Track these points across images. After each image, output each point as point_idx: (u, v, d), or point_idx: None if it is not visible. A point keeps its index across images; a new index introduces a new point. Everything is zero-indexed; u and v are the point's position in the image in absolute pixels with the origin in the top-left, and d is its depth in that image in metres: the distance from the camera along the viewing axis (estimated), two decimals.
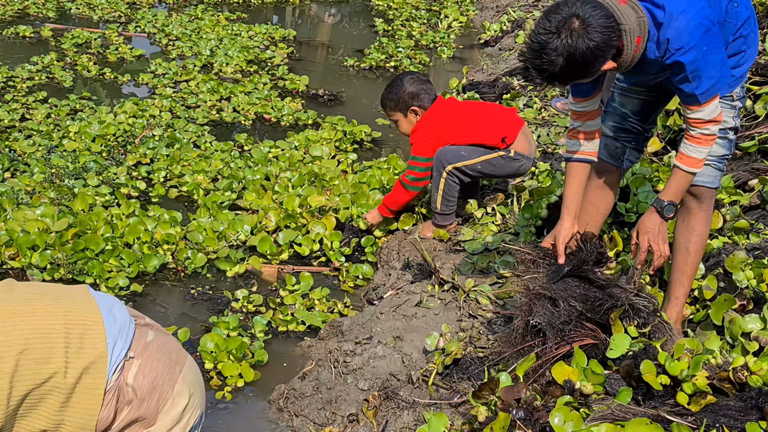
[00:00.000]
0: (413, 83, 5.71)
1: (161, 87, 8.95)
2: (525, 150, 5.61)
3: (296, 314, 5.13)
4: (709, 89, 3.57)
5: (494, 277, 4.97)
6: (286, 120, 8.38)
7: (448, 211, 5.68)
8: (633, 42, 3.52)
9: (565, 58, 3.40)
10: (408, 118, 5.75)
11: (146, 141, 7.33)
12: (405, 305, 4.83)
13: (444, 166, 5.56)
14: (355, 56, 10.83)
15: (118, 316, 2.76)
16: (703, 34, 3.48)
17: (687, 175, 3.74)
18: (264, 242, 5.80)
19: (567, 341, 3.70)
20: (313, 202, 6.07)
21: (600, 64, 3.48)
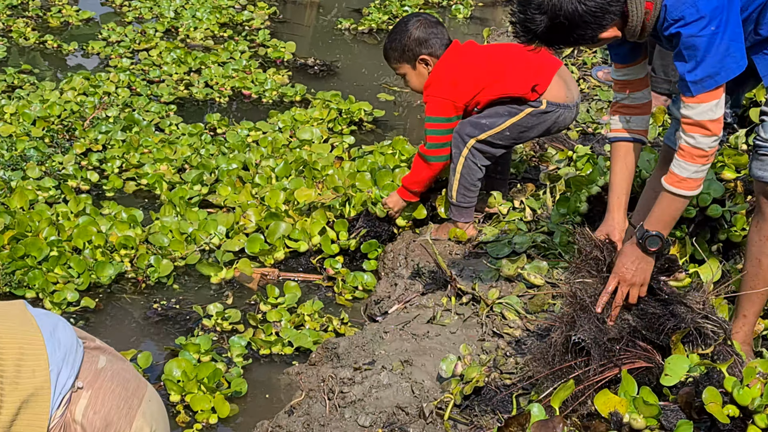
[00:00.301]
0: (420, 27, 5.64)
1: (116, 57, 8.96)
2: (561, 97, 5.56)
3: (282, 333, 5.14)
4: (704, 79, 3.50)
5: (523, 286, 4.97)
6: (269, 96, 8.39)
7: (466, 203, 5.66)
8: (641, 7, 3.52)
9: (548, 17, 3.44)
10: (417, 71, 5.69)
11: (98, 123, 7.34)
12: (415, 322, 4.83)
13: (464, 142, 5.54)
14: (351, 17, 10.84)
15: (62, 339, 2.76)
16: (712, 10, 3.43)
17: (670, 197, 3.65)
18: (253, 242, 5.82)
19: (615, 363, 3.70)
20: (301, 198, 6.07)
21: (594, 32, 3.49)
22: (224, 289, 5.61)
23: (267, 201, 6.13)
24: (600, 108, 7.45)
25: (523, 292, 4.93)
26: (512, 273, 5.09)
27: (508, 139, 5.55)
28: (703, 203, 5.04)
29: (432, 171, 5.67)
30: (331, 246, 5.85)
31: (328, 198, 6.05)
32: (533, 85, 5.48)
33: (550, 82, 5.52)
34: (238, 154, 6.88)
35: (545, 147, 6.55)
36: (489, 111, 5.56)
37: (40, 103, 7.54)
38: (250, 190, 6.32)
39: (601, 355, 3.70)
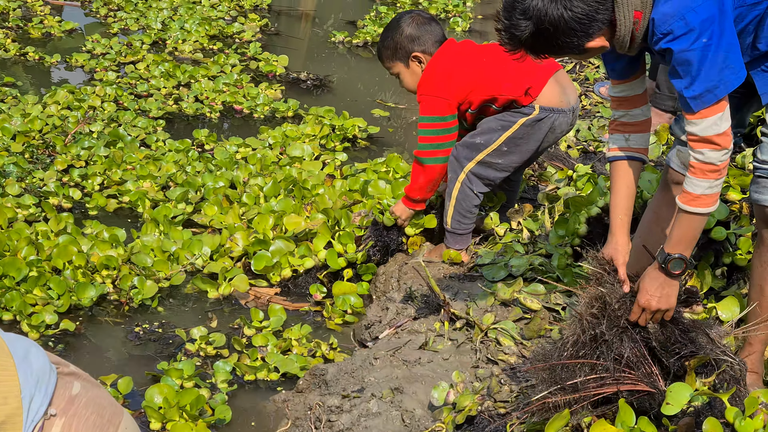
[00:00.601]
0: (412, 24, 5.63)
1: (101, 70, 8.97)
2: (555, 101, 5.53)
3: (268, 359, 5.13)
4: (703, 94, 3.46)
5: (519, 310, 4.96)
6: (261, 111, 8.40)
7: (462, 230, 5.65)
8: (630, 16, 3.50)
9: (533, 23, 3.45)
10: (411, 69, 5.67)
11: (80, 139, 7.34)
12: (406, 348, 4.82)
13: (461, 167, 5.54)
14: (345, 30, 10.86)
15: (35, 364, 2.75)
16: (702, 22, 3.39)
17: (687, 217, 3.60)
18: (259, 260, 5.81)
19: (616, 380, 3.69)
20: (290, 226, 6.06)
21: (581, 40, 3.49)
22: (210, 310, 5.61)
23: (255, 225, 6.11)
24: (602, 125, 7.46)
25: (519, 317, 4.92)
26: (508, 297, 5.08)
27: (506, 156, 5.53)
28: (707, 225, 5.04)
29: (430, 174, 5.61)
30: (338, 260, 5.81)
31: (318, 223, 6.04)
32: (527, 88, 5.46)
33: (544, 85, 5.49)
34: (226, 172, 6.87)
35: (544, 166, 6.55)
36: (482, 127, 5.56)
37: (21, 117, 7.54)
38: (237, 211, 6.31)
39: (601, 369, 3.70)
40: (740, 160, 5.68)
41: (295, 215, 6.14)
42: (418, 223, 5.84)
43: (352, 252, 5.85)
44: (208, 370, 5.04)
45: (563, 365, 3.80)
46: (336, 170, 7.09)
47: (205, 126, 8.07)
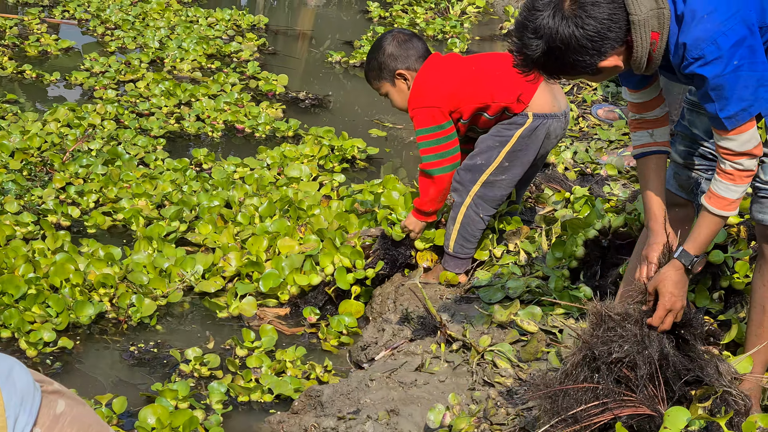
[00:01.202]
0: (393, 42, 5.62)
1: (100, 88, 8.97)
2: (547, 107, 5.52)
3: (262, 380, 5.12)
4: (737, 114, 3.50)
5: (516, 333, 4.95)
6: (263, 130, 8.40)
7: (463, 254, 5.63)
8: (647, 37, 3.50)
9: (544, 42, 3.45)
10: (398, 87, 5.65)
11: (78, 156, 7.34)
12: (402, 369, 4.81)
13: (467, 190, 5.53)
14: (342, 50, 10.87)
15: (19, 382, 2.73)
16: (733, 45, 3.42)
17: (718, 220, 3.68)
18: (268, 279, 5.80)
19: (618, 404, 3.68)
20: (283, 249, 6.04)
21: (593, 59, 3.48)
22: (210, 329, 5.62)
23: (249, 247, 6.10)
24: (599, 147, 7.46)
25: (515, 340, 4.91)
26: (505, 319, 5.07)
27: (508, 170, 5.51)
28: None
29: (439, 185, 5.56)
30: (347, 276, 5.78)
31: (311, 247, 6.03)
32: (518, 95, 5.45)
33: (535, 91, 5.47)
34: (222, 191, 6.86)
35: (542, 188, 6.55)
36: (479, 147, 5.55)
37: (21, 135, 7.54)
38: (231, 230, 6.30)
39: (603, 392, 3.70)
40: None
41: (288, 238, 6.12)
42: (428, 237, 5.80)
43: (360, 268, 5.82)
44: (203, 391, 5.02)
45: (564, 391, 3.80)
46: (333, 191, 7.08)
47: (206, 145, 8.06)
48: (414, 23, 11.92)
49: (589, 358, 3.74)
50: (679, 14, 3.49)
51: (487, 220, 5.60)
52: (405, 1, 12.80)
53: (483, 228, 5.61)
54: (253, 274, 5.94)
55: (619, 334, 3.71)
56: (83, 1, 11.72)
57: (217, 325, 5.67)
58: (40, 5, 11.70)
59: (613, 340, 3.71)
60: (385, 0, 13.06)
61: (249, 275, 5.96)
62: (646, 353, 3.69)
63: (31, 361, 5.18)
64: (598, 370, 3.73)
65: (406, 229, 5.74)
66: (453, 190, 5.58)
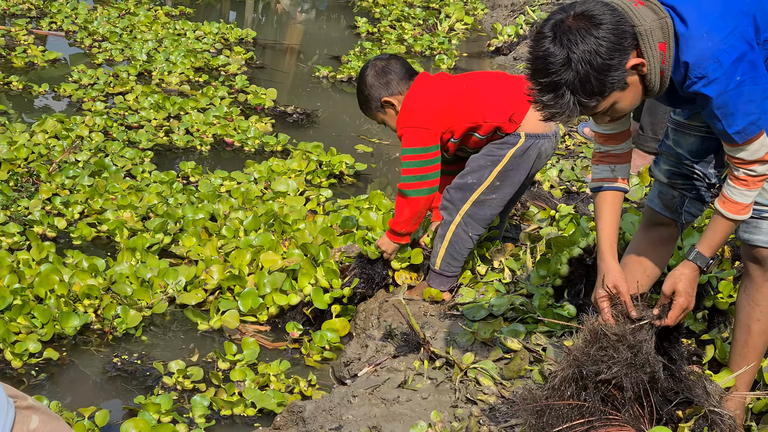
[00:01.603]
0: (372, 72, 5.62)
1: (89, 100, 8.97)
2: (539, 127, 5.48)
3: (245, 394, 5.10)
4: (746, 127, 3.55)
5: (500, 350, 4.95)
6: (252, 144, 8.40)
7: (450, 272, 5.62)
8: (656, 49, 3.51)
9: (577, 60, 3.40)
10: (388, 114, 5.64)
11: (65, 168, 7.34)
12: (385, 386, 4.80)
13: (456, 209, 5.51)
14: (329, 65, 10.87)
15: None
16: (734, 61, 3.45)
17: (731, 224, 3.75)
18: (246, 298, 5.78)
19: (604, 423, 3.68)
20: (266, 263, 6.04)
21: (622, 66, 3.46)
22: (195, 342, 5.60)
23: (231, 260, 6.10)
24: (585, 165, 7.47)
25: (499, 357, 4.90)
26: (488, 336, 5.07)
27: (499, 190, 5.50)
28: None
29: (414, 207, 5.52)
30: (324, 297, 5.75)
31: (294, 261, 6.02)
32: (510, 114, 5.43)
33: (527, 111, 5.43)
34: (207, 204, 6.86)
35: (527, 205, 6.55)
36: (470, 166, 5.53)
37: (8, 145, 7.54)
38: (215, 244, 6.30)
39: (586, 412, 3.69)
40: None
41: (272, 252, 6.11)
42: (404, 257, 5.79)
43: (337, 287, 5.81)
44: (186, 405, 5.01)
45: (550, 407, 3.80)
46: (319, 206, 7.07)
47: (195, 159, 8.05)
48: (402, 39, 11.93)
49: (577, 376, 3.75)
50: (677, 32, 3.51)
51: (475, 239, 5.58)
52: (393, 17, 12.81)
53: (471, 247, 5.60)
54: (235, 287, 5.93)
55: (610, 355, 3.71)
56: (71, 13, 11.71)
57: (199, 338, 5.66)
58: (28, 16, 11.70)
59: (603, 360, 3.71)
60: (373, 16, 13.08)
61: (231, 289, 5.95)
62: (636, 376, 3.69)
63: (17, 371, 5.17)
64: (586, 388, 3.73)
65: (380, 248, 5.74)
66: (443, 209, 5.56)
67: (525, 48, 10.96)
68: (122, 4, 12.33)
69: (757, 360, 4.08)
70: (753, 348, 4.03)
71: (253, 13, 13.50)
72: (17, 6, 12.02)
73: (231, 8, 13.50)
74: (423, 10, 13.23)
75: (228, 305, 5.77)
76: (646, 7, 3.51)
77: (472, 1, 13.74)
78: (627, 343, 3.73)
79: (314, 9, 13.77)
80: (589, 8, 3.43)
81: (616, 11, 3.45)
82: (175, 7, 12.64)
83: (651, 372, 3.70)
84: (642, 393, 3.71)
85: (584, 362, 3.74)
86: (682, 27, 3.50)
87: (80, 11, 11.76)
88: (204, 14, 12.71)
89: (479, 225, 5.55)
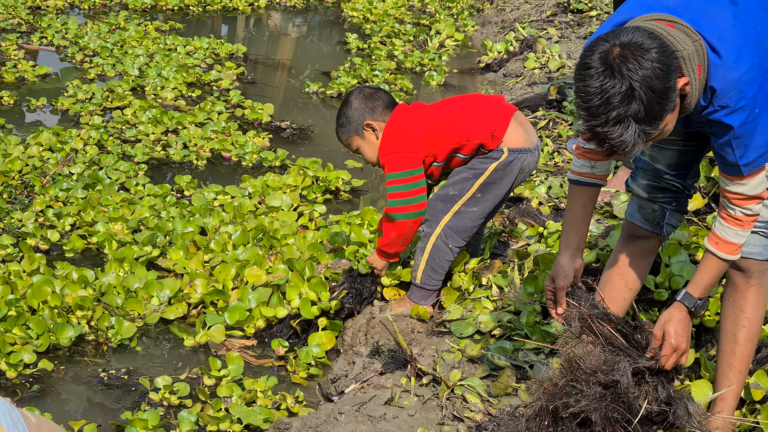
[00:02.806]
0: (359, 96, 5.64)
1: (86, 114, 8.97)
2: (521, 142, 5.50)
3: (231, 409, 5.07)
4: (755, 160, 3.56)
5: (487, 367, 4.93)
6: (249, 159, 8.39)
7: (431, 285, 5.61)
8: (695, 70, 3.48)
9: (639, 87, 3.30)
10: (367, 139, 5.62)
11: (59, 180, 7.34)
12: (372, 403, 4.78)
13: (437, 221, 5.50)
14: (319, 80, 10.87)
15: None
16: (756, 92, 3.47)
17: (723, 264, 3.75)
18: (234, 312, 5.77)
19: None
20: (250, 279, 6.02)
21: (675, 87, 3.40)
22: (185, 355, 5.61)
23: (216, 274, 6.08)
24: None
25: (486, 374, 4.89)
26: (476, 354, 5.06)
27: (480, 202, 5.49)
28: (675, 286, 5.04)
29: (401, 230, 5.51)
30: (312, 308, 5.73)
31: (279, 276, 6.00)
32: (491, 131, 5.44)
33: (507, 126, 5.46)
34: (198, 218, 6.85)
35: (515, 222, 6.54)
36: (453, 178, 5.53)
37: (2, 157, 7.56)
38: (201, 258, 6.28)
39: None
40: (710, 221, 5.68)
41: (256, 267, 6.09)
42: (394, 274, 5.79)
43: (325, 300, 5.79)
44: (173, 420, 4.99)
45: None
46: (311, 221, 7.06)
47: (191, 173, 8.05)
48: (392, 55, 11.92)
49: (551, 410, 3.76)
50: (708, 57, 3.49)
51: (456, 252, 5.57)
52: (383, 33, 12.81)
53: (451, 260, 5.59)
54: (218, 302, 5.92)
55: (579, 390, 3.71)
56: (61, 28, 11.69)
57: (187, 352, 5.65)
58: (18, 31, 11.67)
59: (572, 394, 3.71)
60: (364, 32, 13.08)
61: (214, 303, 5.93)
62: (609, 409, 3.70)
63: (11, 382, 5.19)
64: (561, 419, 3.74)
65: (370, 264, 5.76)
66: (423, 221, 5.55)
67: (529, 62, 10.98)
68: (112, 18, 12.31)
69: (746, 369, 4.07)
70: (740, 357, 4.03)
71: (245, 29, 13.48)
72: (7, 21, 11.99)
73: (222, 23, 13.48)
74: (414, 26, 13.23)
75: (215, 319, 5.76)
76: (678, 30, 3.48)
77: (462, 18, 13.75)
78: (600, 380, 3.73)
79: (306, 25, 13.77)
80: (633, 37, 3.34)
81: (656, 36, 3.38)
82: (166, 22, 12.62)
83: (629, 407, 3.70)
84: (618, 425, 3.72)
85: (555, 394, 3.75)
86: (712, 53, 3.48)
87: (70, 26, 11.74)
88: (195, 29, 12.69)
89: (459, 237, 5.54)
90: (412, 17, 13.76)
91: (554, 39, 11.31)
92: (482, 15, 13.97)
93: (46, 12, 12.59)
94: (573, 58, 10.55)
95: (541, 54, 10.78)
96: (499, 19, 13.36)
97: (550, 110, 8.99)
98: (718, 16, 3.51)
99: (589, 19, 11.76)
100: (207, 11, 13.58)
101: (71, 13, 12.71)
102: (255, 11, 13.92)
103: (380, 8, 13.82)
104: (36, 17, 12.25)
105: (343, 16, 14.02)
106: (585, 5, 12.14)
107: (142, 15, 12.89)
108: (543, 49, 10.93)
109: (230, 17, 13.66)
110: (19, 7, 12.36)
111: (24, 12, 12.27)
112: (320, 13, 14.32)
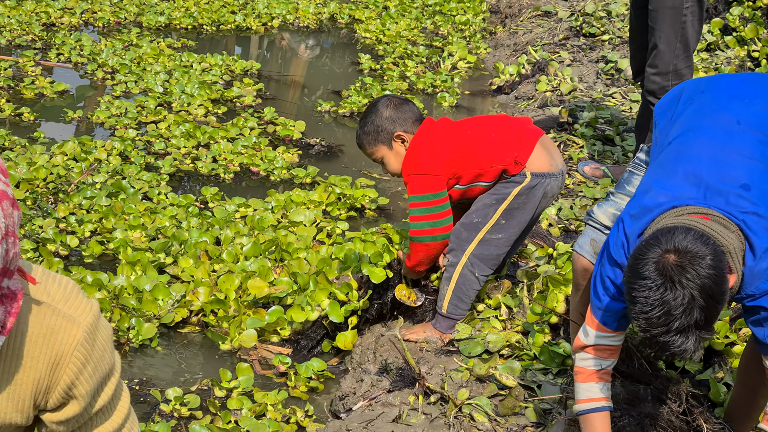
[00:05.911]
0: (390, 105, 5.51)
1: (121, 128, 9.10)
2: (545, 166, 5.39)
3: (241, 422, 5.06)
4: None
5: (495, 387, 4.92)
6: (277, 174, 8.41)
7: (457, 315, 5.51)
8: (741, 262, 3.45)
9: (699, 296, 3.27)
10: (395, 150, 5.50)
11: (83, 189, 7.40)
12: (379, 420, 4.77)
13: (462, 250, 5.42)
14: (331, 99, 10.89)
15: None
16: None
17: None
18: (273, 315, 5.81)
19: None
20: (252, 290, 6.01)
21: (728, 285, 3.36)
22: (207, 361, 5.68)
23: (219, 284, 6.09)
24: (584, 205, 7.45)
25: (494, 394, 4.88)
26: (484, 373, 5.05)
27: (505, 229, 5.40)
28: None
29: (428, 251, 5.43)
30: (340, 309, 5.69)
31: (281, 289, 6.00)
32: (515, 156, 5.33)
33: (531, 151, 5.36)
34: (215, 229, 6.87)
35: (525, 243, 6.53)
36: (476, 206, 5.44)
37: (27, 166, 7.60)
38: (208, 267, 6.31)
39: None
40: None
41: (259, 279, 6.08)
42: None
43: (354, 300, 5.76)
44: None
45: None
46: (328, 237, 7.05)
47: (218, 186, 8.07)
48: (404, 76, 11.93)
49: None
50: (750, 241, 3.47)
51: (483, 281, 5.49)
52: (396, 55, 12.83)
53: (478, 288, 5.50)
54: (219, 311, 5.95)
55: None
56: (75, 45, 11.73)
57: (219, 358, 5.74)
58: (34, 48, 11.70)
59: None
60: (377, 53, 13.10)
61: (214, 312, 5.96)
62: None
63: None
64: None
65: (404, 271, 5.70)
66: (448, 251, 5.46)
67: (540, 84, 10.98)
68: (125, 35, 12.34)
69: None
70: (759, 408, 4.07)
71: (258, 49, 13.51)
72: (21, 37, 12.02)
73: (236, 43, 13.52)
74: (426, 48, 13.23)
75: (254, 323, 5.81)
76: (716, 222, 3.44)
77: (475, 41, 13.75)
78: None
79: (318, 46, 13.79)
80: (686, 244, 3.28)
81: (707, 238, 3.33)
82: (178, 39, 12.66)
83: None
84: None
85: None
86: (750, 233, 3.47)
87: (84, 43, 11.76)
88: (208, 48, 12.70)
89: (486, 266, 5.46)
90: (424, 39, 13.76)
91: (566, 62, 11.31)
92: (495, 38, 13.98)
93: (59, 29, 12.61)
94: (585, 81, 10.55)
95: (553, 77, 10.78)
96: (512, 42, 13.37)
97: (561, 132, 8.99)
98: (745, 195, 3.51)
99: (601, 43, 11.75)
100: (220, 30, 13.60)
101: (85, 30, 12.73)
102: (268, 31, 13.94)
103: (393, 30, 13.83)
104: (49, 34, 12.27)
105: (356, 38, 14.03)
106: (597, 29, 12.14)
107: (156, 33, 12.91)
108: (555, 72, 10.93)
109: (243, 37, 13.68)
110: (34, 23, 12.38)
111: (38, 29, 12.27)
112: (333, 34, 14.34)
